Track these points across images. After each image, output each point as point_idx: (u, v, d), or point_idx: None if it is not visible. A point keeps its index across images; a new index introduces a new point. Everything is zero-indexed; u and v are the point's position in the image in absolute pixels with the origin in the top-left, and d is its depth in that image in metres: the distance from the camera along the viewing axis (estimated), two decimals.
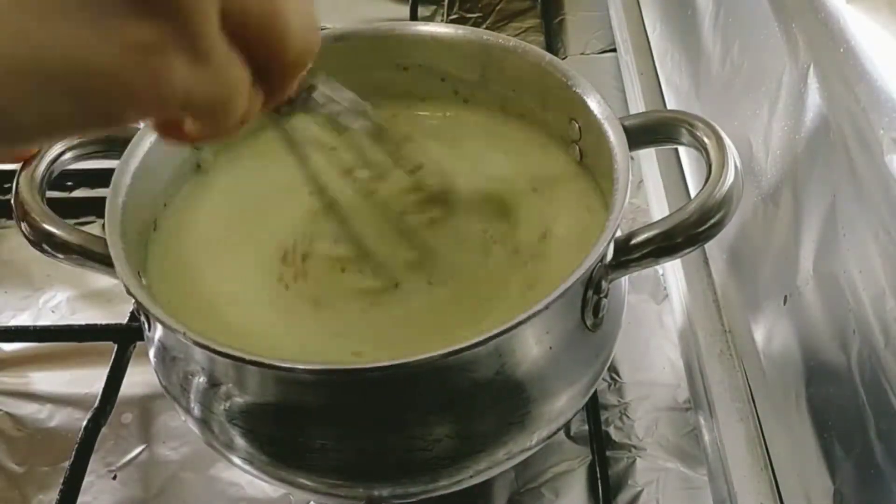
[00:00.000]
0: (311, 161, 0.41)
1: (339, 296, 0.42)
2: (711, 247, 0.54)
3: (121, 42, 0.22)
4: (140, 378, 0.53)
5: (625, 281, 0.44)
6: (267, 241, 0.45)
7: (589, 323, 0.39)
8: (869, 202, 0.35)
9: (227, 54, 0.25)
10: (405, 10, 0.83)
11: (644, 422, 0.51)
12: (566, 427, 0.50)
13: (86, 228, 0.42)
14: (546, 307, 0.34)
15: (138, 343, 0.54)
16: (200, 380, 0.39)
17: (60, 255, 0.42)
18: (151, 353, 0.43)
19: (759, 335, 0.47)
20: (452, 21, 0.84)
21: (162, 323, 0.35)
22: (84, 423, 0.49)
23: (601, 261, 0.38)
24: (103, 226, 0.39)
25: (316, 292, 0.42)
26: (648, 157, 0.63)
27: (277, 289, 0.43)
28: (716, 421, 0.47)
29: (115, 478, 0.50)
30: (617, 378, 0.53)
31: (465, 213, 0.45)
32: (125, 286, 0.37)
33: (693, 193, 0.56)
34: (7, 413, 0.53)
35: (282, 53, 0.27)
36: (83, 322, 0.57)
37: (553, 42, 0.80)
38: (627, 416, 0.51)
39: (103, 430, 0.50)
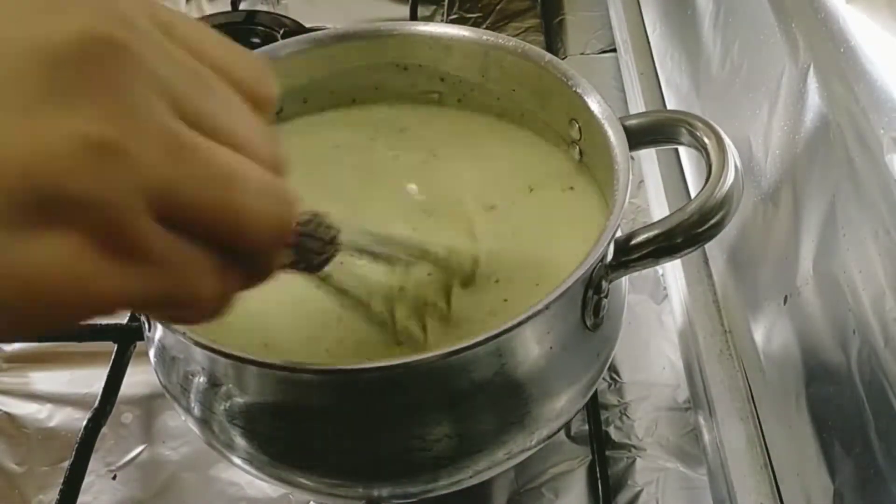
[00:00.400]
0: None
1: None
2: (711, 247, 0.54)
3: (36, 257, 0.19)
4: (140, 378, 0.53)
5: (625, 281, 0.44)
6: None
7: (589, 323, 0.39)
8: (869, 202, 0.35)
9: (168, 246, 0.22)
10: (405, 10, 0.83)
11: (644, 422, 0.51)
12: (566, 427, 0.50)
13: None
14: (546, 307, 0.34)
15: (138, 343, 0.54)
16: (200, 380, 0.39)
17: None
18: (151, 352, 0.43)
19: (758, 335, 0.47)
20: (452, 21, 0.84)
21: (162, 323, 0.35)
22: (84, 423, 0.49)
23: (601, 261, 0.38)
24: None
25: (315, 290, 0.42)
26: (648, 157, 0.63)
27: (279, 288, 0.43)
28: (715, 421, 0.47)
29: (114, 478, 0.50)
30: (617, 378, 0.53)
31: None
32: None
33: (693, 193, 0.56)
34: (7, 413, 0.53)
35: (245, 241, 0.24)
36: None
37: (553, 42, 0.80)
38: (627, 416, 0.51)
39: (103, 430, 0.50)
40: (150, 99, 0.21)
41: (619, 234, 0.38)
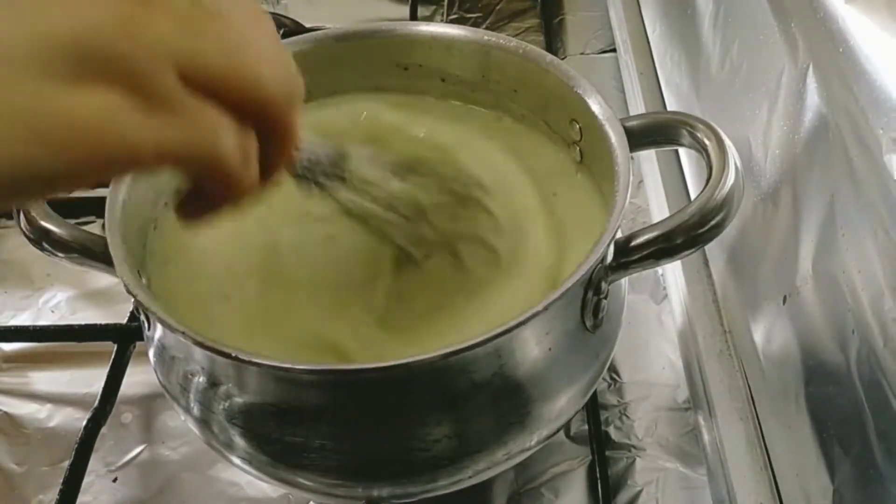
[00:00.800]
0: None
1: (335, 289, 0.42)
2: (711, 247, 0.54)
3: (83, 106, 0.23)
4: (140, 378, 0.53)
5: (625, 281, 0.44)
6: (266, 240, 0.45)
7: (589, 324, 0.39)
8: (868, 202, 0.35)
9: (194, 103, 0.25)
10: (405, 10, 0.83)
11: (644, 422, 0.51)
12: (566, 427, 0.50)
13: (86, 228, 0.42)
14: (545, 308, 0.34)
15: (138, 343, 0.54)
16: (200, 379, 0.39)
17: (60, 254, 0.42)
18: (151, 352, 0.43)
19: (758, 335, 0.47)
20: (452, 21, 0.84)
21: (162, 322, 0.36)
22: (84, 423, 0.49)
23: (601, 262, 0.38)
24: (103, 225, 0.39)
25: (313, 289, 0.42)
26: (648, 157, 0.63)
27: (277, 288, 0.43)
28: (715, 421, 0.47)
29: (115, 479, 0.50)
30: (617, 378, 0.53)
31: (464, 213, 0.45)
32: (125, 285, 0.37)
33: (693, 194, 0.56)
34: (7, 413, 0.53)
35: (261, 105, 0.27)
36: (83, 322, 0.57)
37: (553, 42, 0.80)
38: (627, 416, 0.51)
39: (103, 430, 0.50)
40: None
41: (619, 235, 0.38)
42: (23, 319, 0.59)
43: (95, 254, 0.41)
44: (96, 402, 0.50)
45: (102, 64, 0.23)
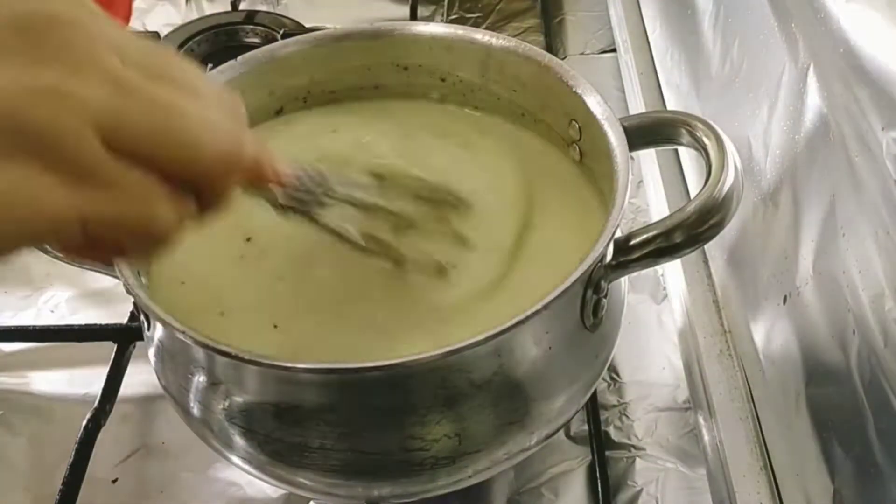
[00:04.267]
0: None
1: (335, 299, 0.42)
2: (711, 247, 0.54)
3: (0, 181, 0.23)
4: (140, 378, 0.53)
5: (624, 281, 0.44)
6: (266, 241, 0.45)
7: (588, 323, 0.39)
8: (868, 202, 0.35)
9: (122, 172, 0.24)
10: (405, 10, 0.83)
11: (644, 422, 0.51)
12: (566, 427, 0.50)
13: None
14: (545, 307, 0.34)
15: (138, 343, 0.54)
16: (200, 379, 0.39)
17: (60, 255, 0.42)
18: (151, 352, 0.43)
19: (758, 335, 0.47)
20: (452, 21, 0.84)
21: (162, 322, 0.35)
22: (84, 423, 0.49)
23: (600, 261, 0.38)
24: None
25: (316, 293, 0.42)
26: (648, 157, 0.63)
27: (277, 288, 0.43)
28: (715, 421, 0.47)
29: (115, 479, 0.50)
30: (617, 378, 0.53)
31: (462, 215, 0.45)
32: (125, 285, 0.37)
33: (693, 194, 0.56)
34: (7, 413, 0.53)
35: (193, 171, 0.26)
36: (83, 322, 0.57)
37: (553, 42, 0.80)
38: (627, 416, 0.51)
39: (103, 429, 0.50)
40: (99, 53, 0.24)
41: (618, 234, 0.38)
42: (23, 319, 0.59)
43: None
44: (96, 402, 0.50)
45: (18, 137, 0.23)
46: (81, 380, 0.55)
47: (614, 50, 0.78)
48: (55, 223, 0.24)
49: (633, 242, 0.39)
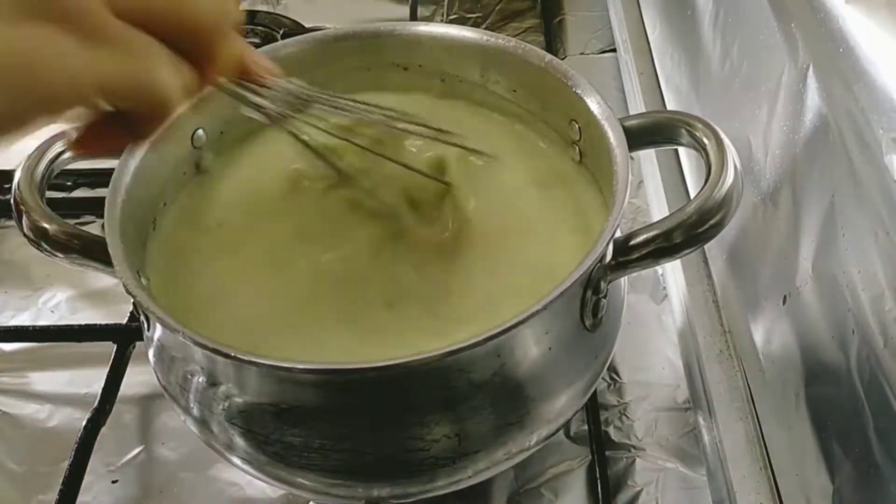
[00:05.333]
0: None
1: (338, 295, 0.42)
2: (711, 247, 0.54)
3: (13, 40, 0.24)
4: (140, 378, 0.53)
5: (624, 281, 0.44)
6: (266, 240, 0.45)
7: (588, 323, 0.39)
8: (868, 202, 0.35)
9: (128, 33, 0.27)
10: (405, 10, 0.83)
11: (643, 422, 0.51)
12: (566, 427, 0.50)
13: (86, 228, 0.42)
14: (545, 307, 0.34)
15: (138, 343, 0.54)
16: (200, 379, 0.39)
17: (60, 255, 0.42)
18: (151, 352, 0.43)
19: (758, 335, 0.47)
20: (452, 21, 0.84)
21: (162, 322, 0.35)
22: (84, 423, 0.49)
23: (600, 261, 0.38)
24: (103, 225, 0.39)
25: (315, 289, 0.42)
26: (648, 157, 0.63)
27: (277, 289, 0.43)
28: (715, 421, 0.47)
29: (115, 479, 0.50)
30: (616, 378, 0.53)
31: (461, 212, 0.45)
32: (125, 286, 0.37)
33: (693, 194, 0.56)
34: (7, 413, 0.53)
35: (190, 32, 0.29)
36: (83, 322, 0.57)
37: (553, 42, 0.80)
38: (627, 417, 0.51)
39: (103, 430, 0.50)
40: None
41: (618, 234, 0.38)
42: (23, 319, 0.59)
43: (95, 254, 0.41)
44: (96, 402, 0.50)
45: (38, 2, 0.25)
46: (81, 380, 0.55)
47: (614, 50, 0.78)
48: (75, 82, 0.25)
49: (632, 243, 0.39)
